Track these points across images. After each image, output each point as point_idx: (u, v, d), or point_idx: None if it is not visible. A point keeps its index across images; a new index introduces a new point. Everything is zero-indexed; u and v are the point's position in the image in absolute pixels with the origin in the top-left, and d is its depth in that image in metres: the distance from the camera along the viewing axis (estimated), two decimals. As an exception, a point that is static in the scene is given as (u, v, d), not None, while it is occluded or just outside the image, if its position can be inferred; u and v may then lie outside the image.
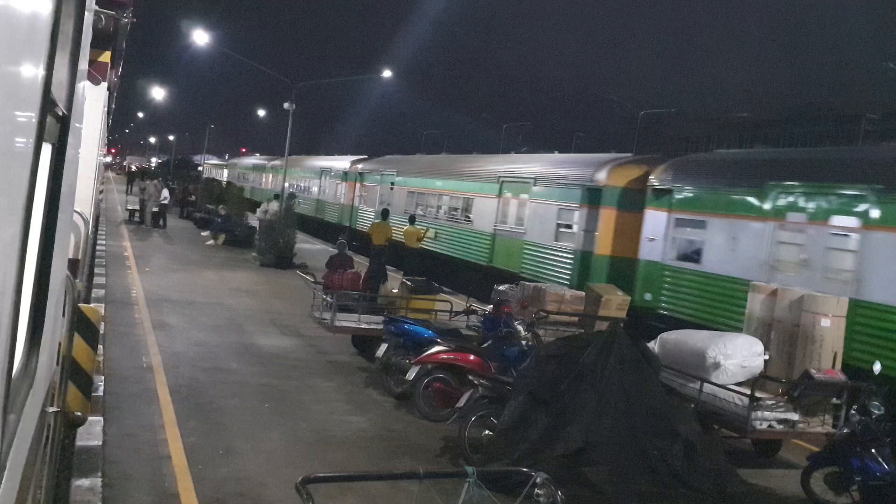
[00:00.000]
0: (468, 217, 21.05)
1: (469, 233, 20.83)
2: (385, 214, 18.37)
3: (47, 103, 1.83)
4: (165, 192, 31.22)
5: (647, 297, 14.34)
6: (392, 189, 26.87)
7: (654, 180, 14.78)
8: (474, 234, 20.50)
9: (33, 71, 1.65)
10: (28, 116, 1.63)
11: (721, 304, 12.55)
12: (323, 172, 36.35)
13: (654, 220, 14.52)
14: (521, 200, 18.69)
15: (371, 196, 29.27)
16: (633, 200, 15.27)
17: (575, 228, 16.34)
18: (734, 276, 12.38)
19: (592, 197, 16.03)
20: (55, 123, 2.24)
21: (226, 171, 66.09)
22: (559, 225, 16.96)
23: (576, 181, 16.73)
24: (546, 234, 17.36)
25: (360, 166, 31.29)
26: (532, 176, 18.54)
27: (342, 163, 34.42)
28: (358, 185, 30.93)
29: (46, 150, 2.21)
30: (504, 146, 64.99)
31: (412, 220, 20.21)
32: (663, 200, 14.51)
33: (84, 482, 5.75)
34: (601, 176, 15.92)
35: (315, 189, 37.24)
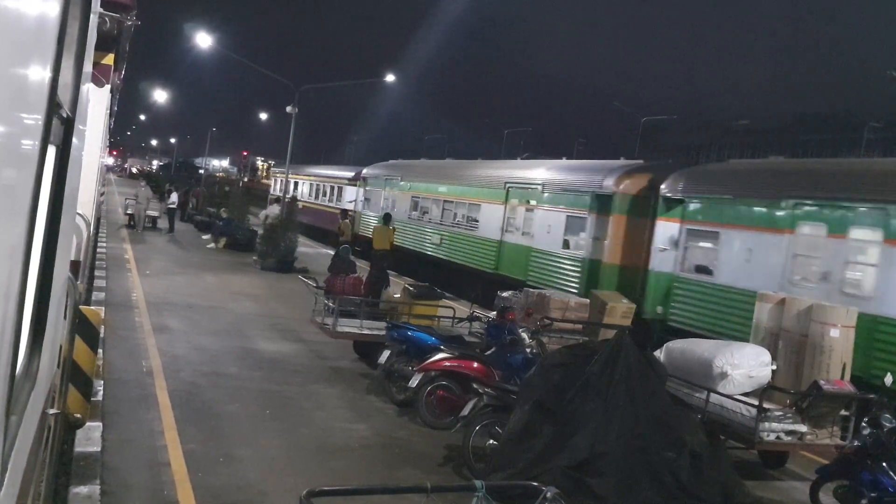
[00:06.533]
0: (339, 198, 33.81)
1: (329, 207, 34.54)
2: (387, 219, 17.70)
3: (53, 106, 1.81)
4: (174, 197, 31.01)
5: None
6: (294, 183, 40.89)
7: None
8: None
9: (40, 73, 1.64)
10: (34, 118, 1.62)
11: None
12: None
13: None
14: (366, 189, 29.87)
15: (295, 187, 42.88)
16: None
17: (382, 202, 27.13)
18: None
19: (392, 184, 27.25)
20: (60, 126, 2.20)
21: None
22: (382, 204, 26.86)
23: (385, 176, 28.17)
24: (376, 210, 26.76)
25: (296, 169, 43.81)
26: (374, 174, 29.35)
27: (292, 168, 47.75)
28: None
29: (51, 153, 2.18)
30: (505, 151, 65.29)
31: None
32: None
33: (82, 489, 5.66)
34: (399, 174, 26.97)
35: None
